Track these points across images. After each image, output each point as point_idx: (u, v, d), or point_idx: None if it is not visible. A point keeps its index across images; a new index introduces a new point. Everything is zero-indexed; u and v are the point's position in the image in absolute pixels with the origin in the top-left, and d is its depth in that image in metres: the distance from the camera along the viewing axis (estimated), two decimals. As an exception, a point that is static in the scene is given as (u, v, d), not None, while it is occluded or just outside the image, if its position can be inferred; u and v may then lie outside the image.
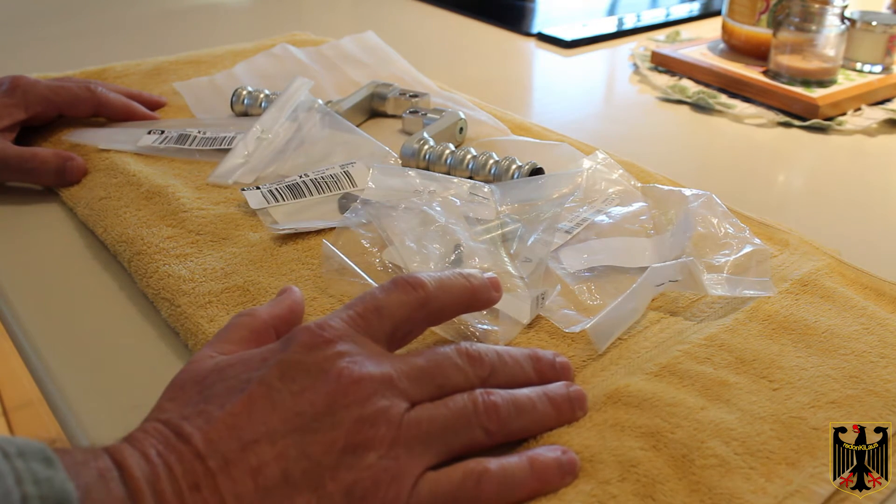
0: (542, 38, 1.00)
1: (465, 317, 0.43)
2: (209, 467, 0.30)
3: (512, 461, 0.34)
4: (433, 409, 0.34)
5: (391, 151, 0.62)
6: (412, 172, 0.55)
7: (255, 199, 0.53)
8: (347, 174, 0.56)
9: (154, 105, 0.71)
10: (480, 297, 0.39)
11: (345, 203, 0.55)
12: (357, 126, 0.70)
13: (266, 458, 0.31)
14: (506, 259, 0.48)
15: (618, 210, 0.54)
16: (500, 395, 0.35)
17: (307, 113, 0.64)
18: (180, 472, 0.30)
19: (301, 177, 0.55)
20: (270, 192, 0.54)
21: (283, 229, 0.51)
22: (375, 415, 0.32)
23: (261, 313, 0.40)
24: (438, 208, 0.50)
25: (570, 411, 0.37)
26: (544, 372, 0.39)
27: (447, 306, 0.38)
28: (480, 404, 0.34)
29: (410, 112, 0.68)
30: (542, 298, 0.44)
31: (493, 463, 0.33)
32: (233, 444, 0.31)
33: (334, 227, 0.51)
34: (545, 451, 0.35)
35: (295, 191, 0.54)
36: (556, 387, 0.38)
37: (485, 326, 0.42)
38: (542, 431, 0.36)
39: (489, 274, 0.40)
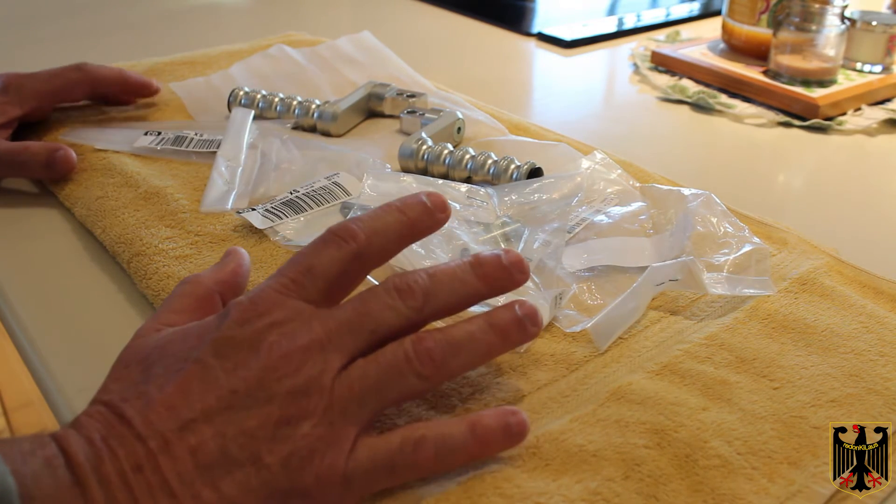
0: (542, 37, 1.00)
1: None
2: (150, 448, 0.31)
3: (451, 425, 0.34)
4: (364, 367, 0.34)
5: (367, 156, 0.60)
6: (407, 177, 0.54)
7: (257, 219, 0.51)
8: (337, 184, 0.56)
9: (142, 85, 0.70)
10: (420, 226, 0.37)
11: (346, 212, 0.54)
12: (355, 126, 0.70)
13: (204, 436, 0.31)
14: None
15: (617, 210, 0.54)
16: (433, 337, 0.34)
17: (265, 140, 0.63)
18: (123, 454, 0.31)
19: (292, 193, 0.55)
20: (268, 210, 0.52)
21: (300, 245, 0.49)
22: (307, 385, 0.32)
23: (204, 280, 0.40)
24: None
25: (518, 334, 0.36)
26: (491, 276, 0.36)
27: (385, 248, 0.37)
28: (412, 352, 0.34)
29: (408, 112, 0.67)
30: (560, 298, 0.44)
31: (432, 429, 0.33)
32: (171, 424, 0.31)
33: None
34: (490, 415, 0.34)
35: (293, 206, 0.53)
36: (503, 311, 0.36)
37: None
38: (488, 361, 0.36)
39: (426, 193, 0.38)
